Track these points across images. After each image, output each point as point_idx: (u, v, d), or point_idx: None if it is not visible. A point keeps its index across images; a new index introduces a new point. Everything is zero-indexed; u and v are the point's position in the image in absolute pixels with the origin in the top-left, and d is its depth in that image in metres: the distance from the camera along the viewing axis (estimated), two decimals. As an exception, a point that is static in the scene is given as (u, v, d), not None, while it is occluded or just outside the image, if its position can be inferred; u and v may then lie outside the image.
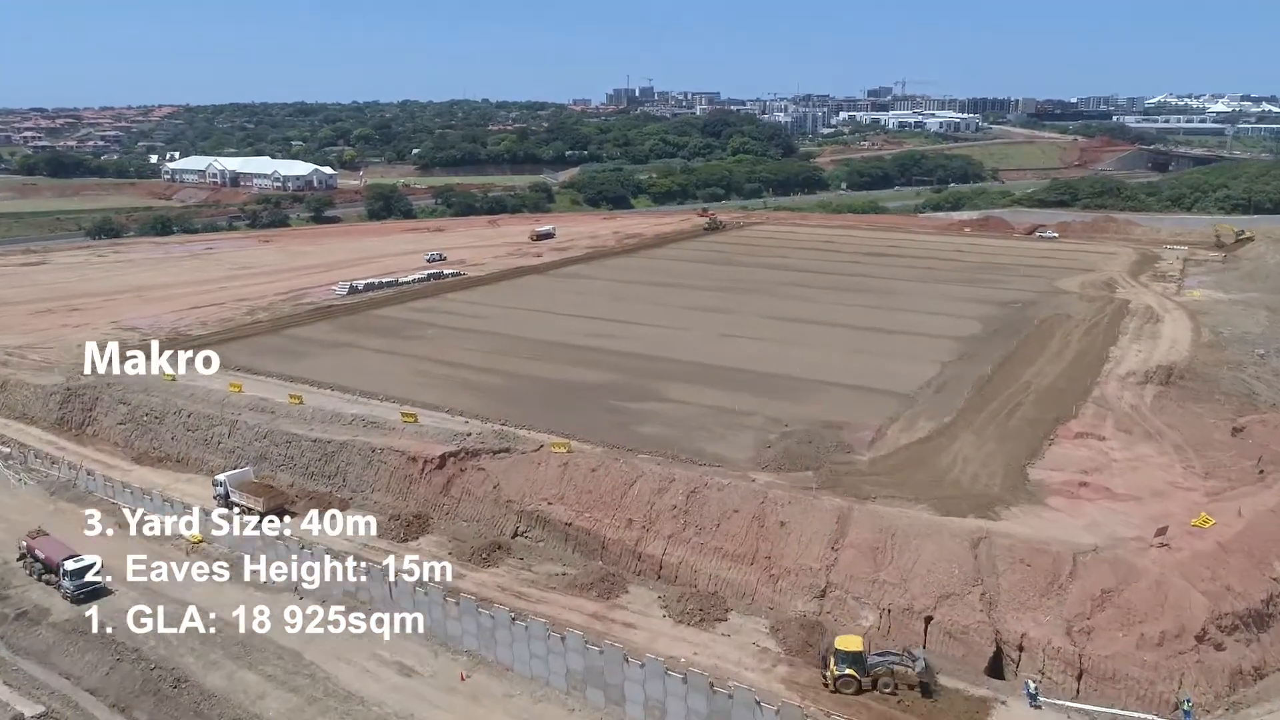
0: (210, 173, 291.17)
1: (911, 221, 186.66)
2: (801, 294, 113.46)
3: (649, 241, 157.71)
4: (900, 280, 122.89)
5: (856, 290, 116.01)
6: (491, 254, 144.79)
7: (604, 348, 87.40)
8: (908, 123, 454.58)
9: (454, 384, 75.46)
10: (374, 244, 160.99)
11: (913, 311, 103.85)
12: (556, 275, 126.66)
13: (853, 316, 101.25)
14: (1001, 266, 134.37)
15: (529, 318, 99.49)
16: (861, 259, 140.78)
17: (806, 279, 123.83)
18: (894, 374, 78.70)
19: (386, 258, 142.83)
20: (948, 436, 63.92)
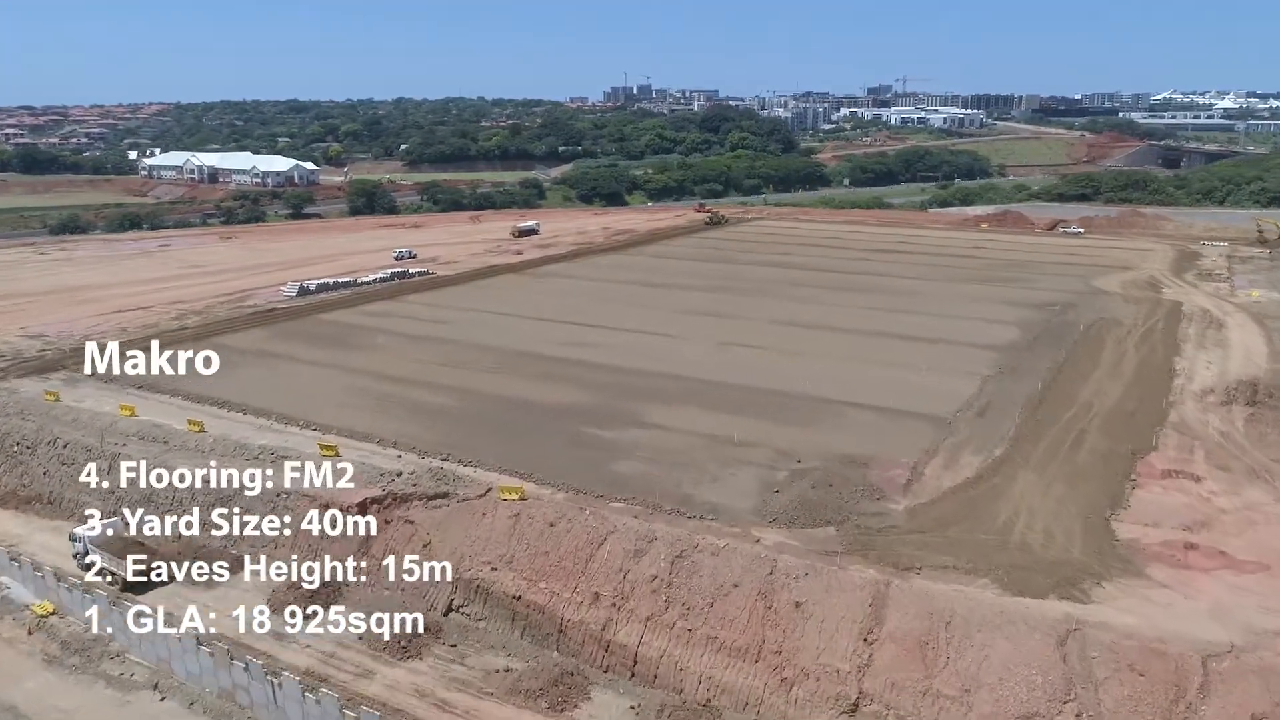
0: (188, 169, 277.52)
1: (922, 217, 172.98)
2: (809, 295, 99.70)
3: (641, 238, 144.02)
4: (918, 280, 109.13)
5: (870, 290, 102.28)
6: (467, 251, 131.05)
7: (580, 359, 73.70)
8: (910, 119, 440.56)
9: (395, 405, 61.67)
10: (343, 241, 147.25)
11: (937, 315, 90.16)
12: (535, 275, 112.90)
13: (869, 321, 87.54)
14: (1027, 264, 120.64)
15: (497, 323, 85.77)
16: (872, 256, 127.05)
17: (814, 279, 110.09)
18: (924, 391, 65.03)
19: (353, 255, 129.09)
20: (1003, 476, 50.19)
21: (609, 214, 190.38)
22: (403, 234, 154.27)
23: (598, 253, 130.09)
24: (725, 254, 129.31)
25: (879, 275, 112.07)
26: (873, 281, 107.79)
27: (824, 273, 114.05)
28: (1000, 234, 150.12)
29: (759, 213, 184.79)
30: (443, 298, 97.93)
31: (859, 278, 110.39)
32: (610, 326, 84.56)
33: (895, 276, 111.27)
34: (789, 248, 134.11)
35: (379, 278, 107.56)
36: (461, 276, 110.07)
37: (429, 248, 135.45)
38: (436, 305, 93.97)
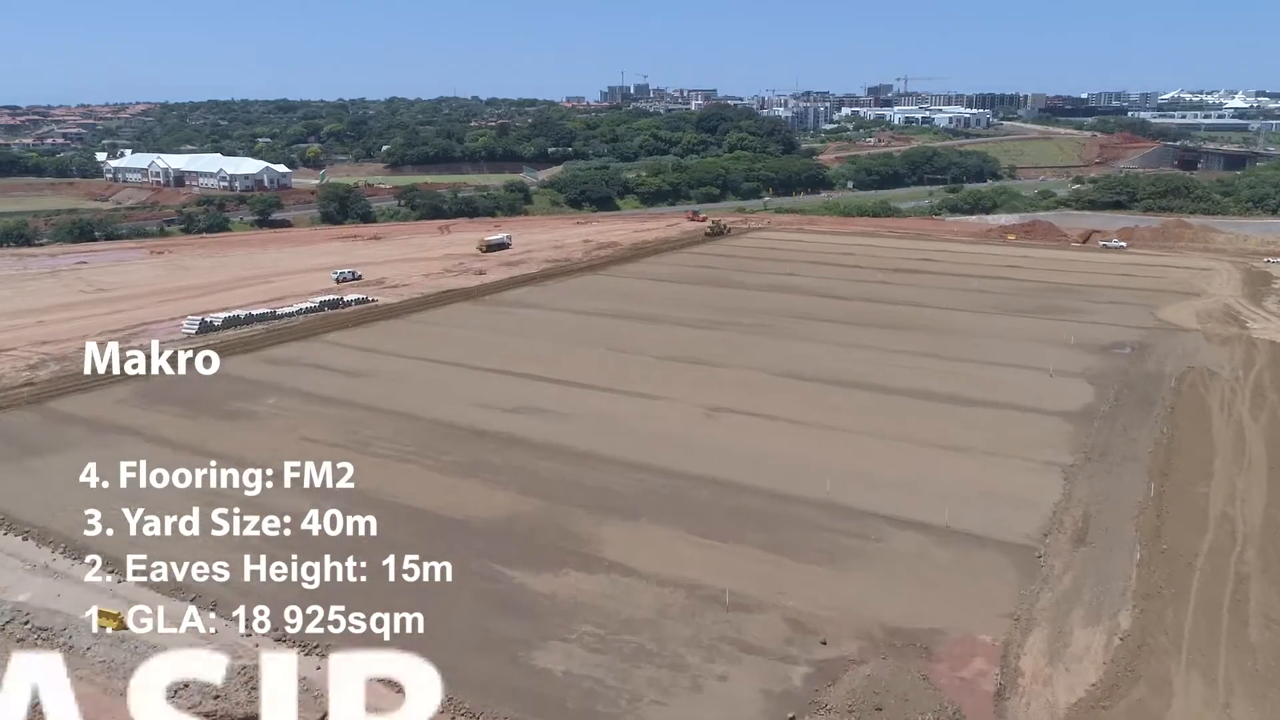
0: (153, 171, 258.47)
1: (940, 227, 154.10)
2: (821, 333, 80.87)
3: (624, 253, 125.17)
4: (950, 310, 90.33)
5: (895, 326, 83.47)
6: (423, 270, 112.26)
7: (525, 436, 54.85)
8: (914, 118, 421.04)
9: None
10: (289, 256, 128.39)
11: (982, 361, 71.39)
12: (494, 304, 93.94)
13: (898, 371, 68.68)
14: (1073, 288, 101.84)
15: (430, 376, 66.94)
16: (892, 278, 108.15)
17: (826, 308, 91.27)
18: (991, 494, 46.33)
19: (291, 275, 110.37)
20: (1149, 682, 31.36)
21: (593, 222, 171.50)
22: (358, 248, 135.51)
23: (573, 272, 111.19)
24: (720, 274, 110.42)
25: (902, 304, 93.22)
26: (896, 313, 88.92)
27: (837, 300, 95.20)
28: (1031, 248, 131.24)
29: (760, 220, 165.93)
30: (372, 337, 79.03)
31: (879, 308, 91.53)
32: (572, 381, 65.70)
33: (922, 305, 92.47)
34: (795, 266, 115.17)
35: (305, 308, 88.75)
36: (405, 306, 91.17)
37: (382, 265, 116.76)
38: (362, 348, 75.07)
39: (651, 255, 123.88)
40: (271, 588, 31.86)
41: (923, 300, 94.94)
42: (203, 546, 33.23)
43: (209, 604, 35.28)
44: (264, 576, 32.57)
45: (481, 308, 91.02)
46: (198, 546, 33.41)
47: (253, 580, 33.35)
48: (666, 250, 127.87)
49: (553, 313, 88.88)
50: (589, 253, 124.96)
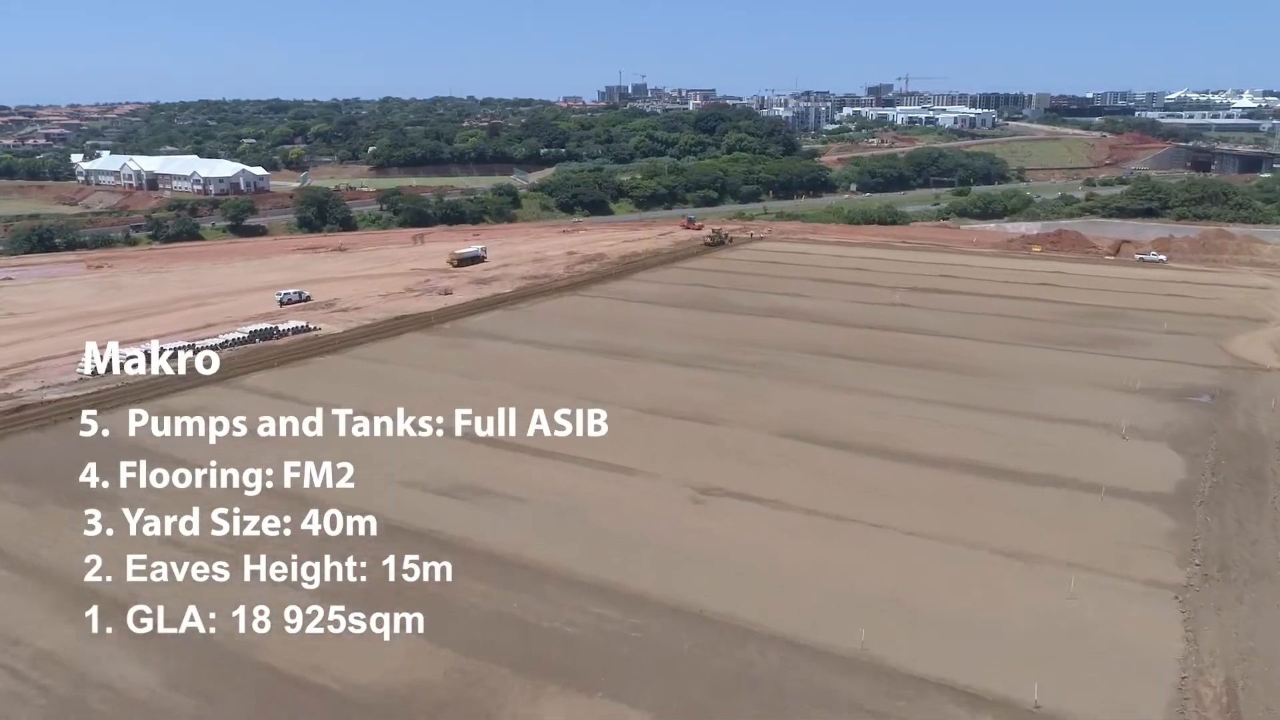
0: (124, 174, 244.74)
1: (956, 237, 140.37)
2: (834, 374, 67.30)
3: (611, 268, 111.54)
4: (983, 343, 76.73)
5: (920, 364, 69.82)
6: (383, 290, 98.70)
7: (451, 537, 41.38)
8: (918, 118, 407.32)
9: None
10: (237, 271, 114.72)
11: (1033, 415, 57.77)
12: (453, 333, 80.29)
13: (931, 431, 55.03)
14: (1118, 312, 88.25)
15: (347, 439, 53.36)
16: (911, 299, 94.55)
17: (839, 340, 77.67)
18: (1083, 643, 32.74)
19: (231, 296, 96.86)
20: None
21: (581, 230, 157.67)
22: (318, 262, 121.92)
23: (551, 292, 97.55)
24: (717, 295, 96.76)
25: (926, 333, 79.63)
26: (920, 347, 75.27)
27: (852, 329, 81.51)
28: (1060, 262, 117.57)
29: (761, 228, 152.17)
30: (297, 379, 65.36)
31: (900, 339, 77.92)
32: (527, 445, 52.06)
33: (949, 335, 78.85)
34: (801, 284, 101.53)
35: (232, 339, 75.20)
36: (348, 337, 77.51)
37: (339, 283, 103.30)
38: (280, 394, 61.47)
39: (641, 270, 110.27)
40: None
41: (949, 329, 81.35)
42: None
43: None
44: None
45: (436, 339, 77.35)
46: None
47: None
48: (658, 265, 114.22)
49: (519, 346, 75.24)
50: (572, 267, 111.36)
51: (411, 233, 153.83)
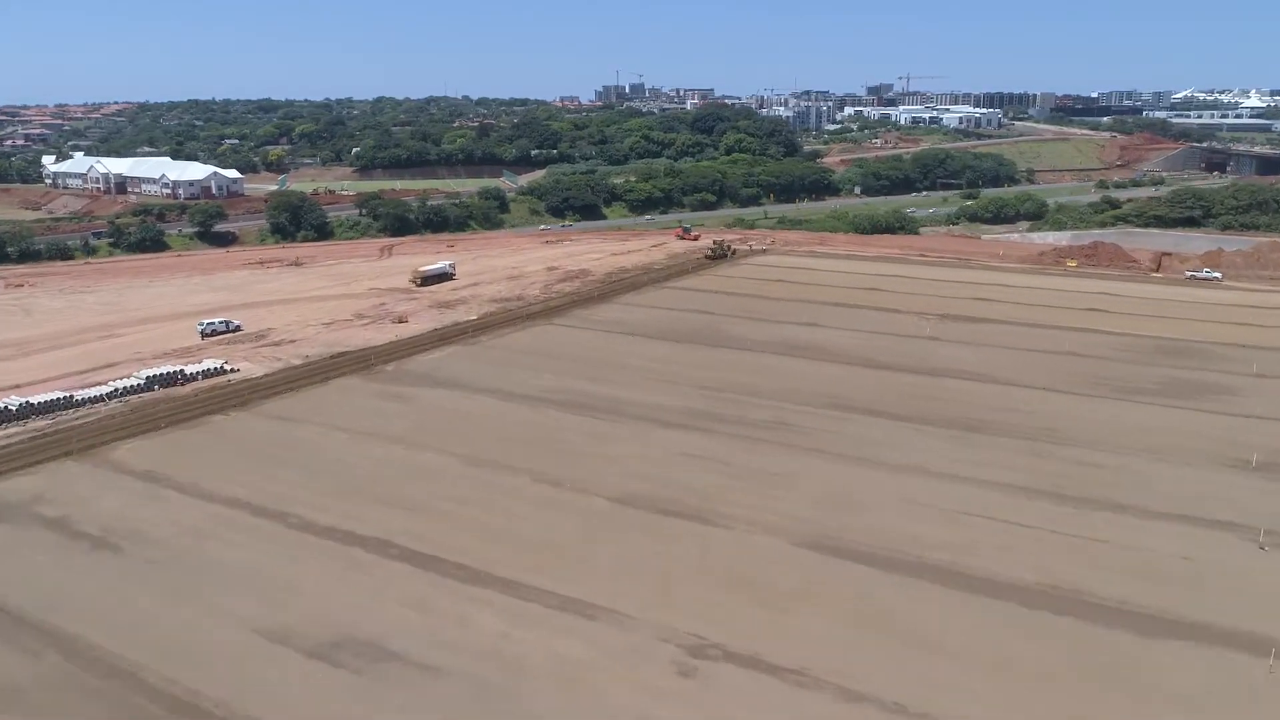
0: (91, 177, 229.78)
1: (979, 249, 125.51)
2: (867, 439, 52.61)
3: (595, 288, 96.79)
4: (1040, 390, 62.05)
5: (975, 426, 55.05)
6: (328, 315, 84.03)
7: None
8: (921, 118, 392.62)
9: None
10: (171, 291, 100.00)
11: (1134, 509, 43.20)
12: (395, 378, 65.40)
13: (1011, 535, 40.37)
14: (1189, 347, 73.60)
15: (209, 549, 38.78)
16: (944, 329, 79.86)
17: (865, 387, 62.95)
18: None
19: (150, 325, 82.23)
20: None
21: (567, 240, 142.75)
22: (267, 278, 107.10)
23: (521, 320, 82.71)
24: (716, 324, 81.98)
25: (973, 378, 64.85)
26: (970, 398, 60.56)
27: (880, 371, 66.74)
28: (1102, 279, 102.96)
29: (763, 238, 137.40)
30: (174, 455, 50.45)
31: (943, 386, 63.15)
32: (455, 562, 37.45)
33: (1002, 382, 64.09)
34: (813, 310, 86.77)
35: (125, 387, 60.50)
36: (266, 384, 62.60)
37: (282, 306, 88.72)
38: (150, 477, 46.72)
39: (629, 291, 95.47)
40: None
41: (997, 370, 66.71)
42: None
43: None
44: None
45: (373, 387, 62.51)
46: None
47: None
48: (648, 284, 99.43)
49: (472, 397, 60.48)
50: (550, 287, 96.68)
51: (380, 243, 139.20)
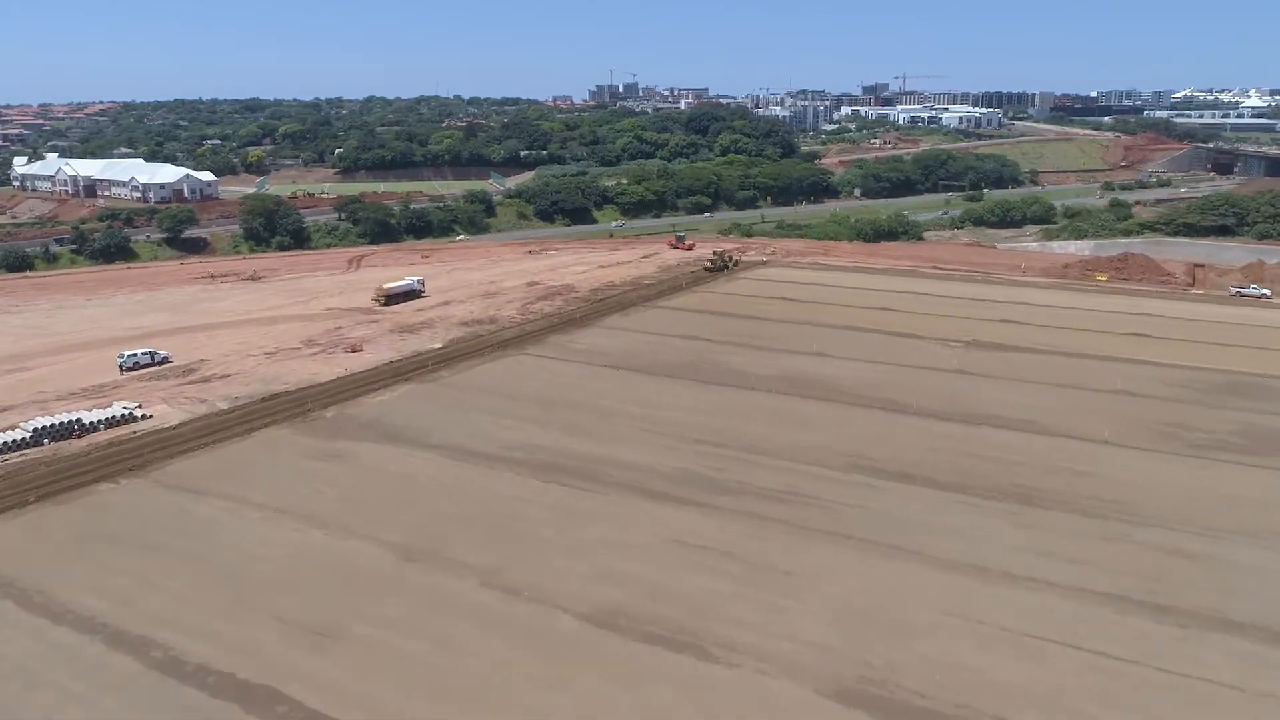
0: (60, 180, 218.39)
1: (995, 260, 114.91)
2: (904, 518, 42.11)
3: (577, 308, 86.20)
4: (1098, 444, 51.74)
5: (1030, 497, 44.62)
6: (276, 340, 73.38)
7: None
8: (920, 118, 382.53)
9: None
10: (110, 311, 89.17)
11: (1250, 633, 33.05)
12: (332, 429, 54.67)
13: (1113, 677, 30.12)
14: (1260, 385, 63.31)
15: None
16: (971, 359, 69.44)
17: (894, 440, 52.41)
18: None
19: (75, 351, 71.55)
20: None
21: (550, 250, 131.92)
22: (219, 295, 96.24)
23: (490, 349, 72.00)
24: (713, 354, 71.31)
25: (1018, 427, 54.33)
26: (1019, 453, 50.06)
27: (904, 418, 56.27)
28: (1138, 296, 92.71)
29: (762, 246, 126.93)
30: (32, 545, 39.73)
31: (985, 437, 52.69)
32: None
33: (1051, 434, 53.57)
34: (823, 336, 76.17)
35: (2, 443, 49.95)
36: (176, 439, 51.86)
37: (227, 330, 78.06)
38: (7, 589, 36.30)
39: (615, 312, 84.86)
40: None
41: (1043, 416, 56.33)
42: None
43: None
44: None
45: (305, 441, 51.83)
46: None
47: None
48: (637, 302, 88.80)
49: (420, 455, 49.90)
50: (528, 306, 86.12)
51: (351, 253, 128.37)
